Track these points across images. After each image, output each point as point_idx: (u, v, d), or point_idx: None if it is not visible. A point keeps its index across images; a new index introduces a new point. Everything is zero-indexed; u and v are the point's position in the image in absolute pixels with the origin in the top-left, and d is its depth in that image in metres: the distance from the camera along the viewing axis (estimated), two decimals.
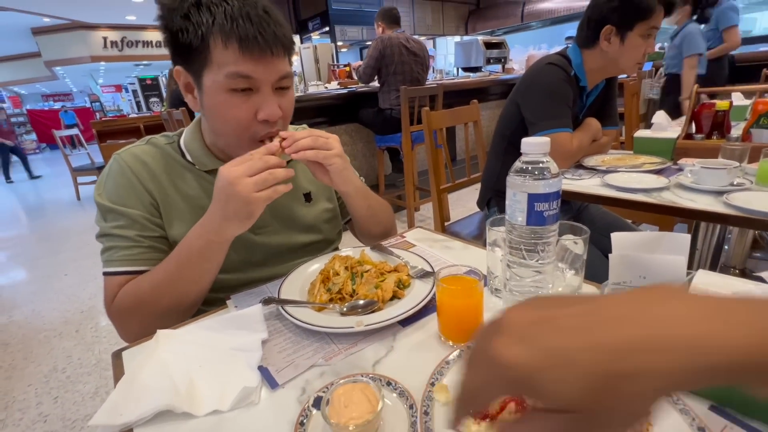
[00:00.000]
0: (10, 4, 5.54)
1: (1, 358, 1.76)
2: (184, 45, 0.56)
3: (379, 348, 0.49)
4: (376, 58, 2.53)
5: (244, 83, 0.57)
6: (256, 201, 0.53)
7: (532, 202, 0.44)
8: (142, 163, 0.65)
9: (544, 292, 0.49)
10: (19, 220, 4.27)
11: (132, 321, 0.62)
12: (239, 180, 0.52)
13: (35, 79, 10.35)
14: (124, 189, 0.63)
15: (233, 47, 0.55)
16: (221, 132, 0.63)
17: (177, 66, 0.61)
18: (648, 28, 1.07)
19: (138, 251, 0.63)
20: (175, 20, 0.56)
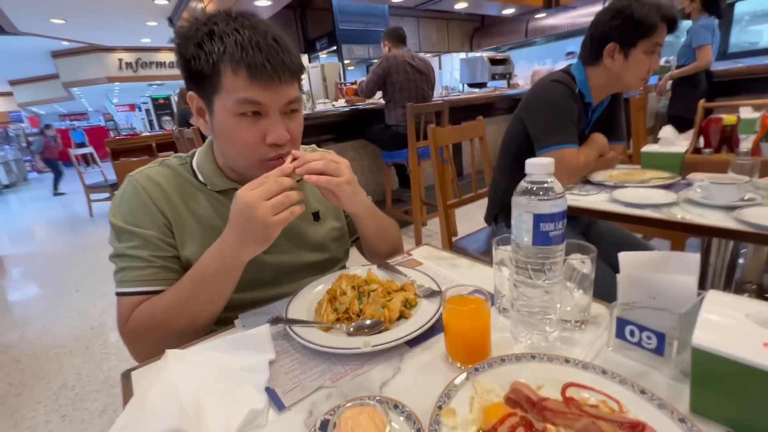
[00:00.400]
0: (33, 30, 5.80)
1: (12, 375, 1.77)
2: (196, 72, 0.59)
3: (386, 369, 0.49)
4: (380, 75, 2.58)
5: (252, 108, 0.59)
6: (273, 224, 0.54)
7: (537, 222, 0.44)
8: (156, 184, 0.67)
9: (552, 312, 0.49)
10: (34, 236, 4.36)
11: (145, 342, 0.62)
12: (257, 203, 0.53)
13: (53, 99, 10.72)
14: (139, 210, 0.65)
15: (242, 75, 0.57)
16: (231, 155, 0.65)
17: (190, 92, 0.63)
18: (651, 45, 1.08)
19: (151, 271, 0.63)
20: (189, 48, 0.58)
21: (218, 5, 4.13)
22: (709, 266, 1.15)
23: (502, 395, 0.40)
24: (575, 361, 0.43)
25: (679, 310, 0.41)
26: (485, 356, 0.47)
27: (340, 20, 5.20)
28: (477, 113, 2.06)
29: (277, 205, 0.54)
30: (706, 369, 0.36)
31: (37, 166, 11.59)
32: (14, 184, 9.07)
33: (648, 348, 0.44)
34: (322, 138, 2.84)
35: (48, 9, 5.00)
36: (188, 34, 0.59)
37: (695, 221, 0.83)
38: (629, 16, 1.06)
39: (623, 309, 0.46)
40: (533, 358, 0.44)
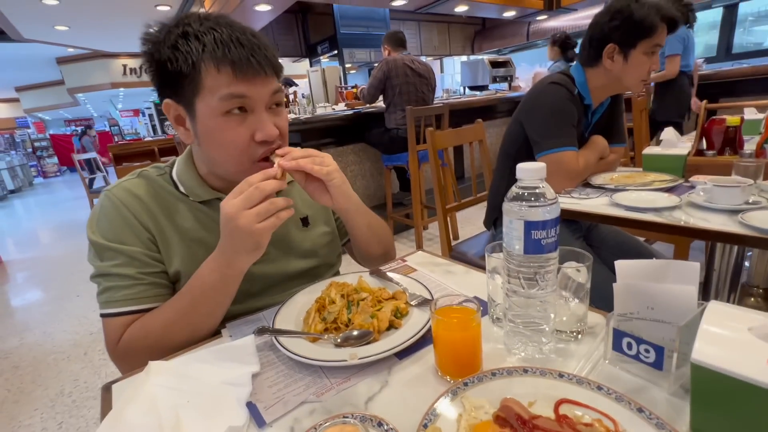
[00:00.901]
0: (37, 37, 5.86)
1: (11, 382, 1.77)
2: (172, 74, 0.56)
3: (373, 383, 0.47)
4: (380, 79, 2.57)
5: (238, 103, 0.57)
6: (259, 232, 0.52)
7: (529, 229, 0.42)
8: (135, 197, 0.64)
9: (546, 322, 0.47)
10: (37, 241, 4.38)
11: (141, 360, 0.57)
12: (239, 214, 0.52)
13: (59, 105, 10.82)
14: (120, 226, 0.62)
15: (226, 71, 0.55)
16: (218, 158, 0.62)
17: (166, 100, 0.60)
18: (651, 46, 1.06)
19: (140, 289, 0.61)
20: (163, 51, 0.56)
21: (219, 10, 4.15)
22: (714, 270, 1.12)
23: (491, 412, 0.38)
24: (569, 376, 0.41)
25: (678, 322, 0.39)
26: (476, 369, 0.45)
27: (341, 24, 5.21)
28: (477, 116, 2.05)
29: (261, 212, 0.52)
30: (707, 386, 0.34)
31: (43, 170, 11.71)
32: (19, 189, 9.15)
33: (646, 362, 0.41)
34: (323, 141, 2.83)
35: (52, 16, 5.05)
36: (159, 38, 0.57)
37: (698, 225, 0.81)
38: (628, 17, 1.04)
39: (620, 320, 0.44)
40: (525, 372, 0.42)
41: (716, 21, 4.78)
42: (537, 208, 0.42)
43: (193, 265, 0.63)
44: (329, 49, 5.55)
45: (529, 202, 0.43)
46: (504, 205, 0.45)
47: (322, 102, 3.66)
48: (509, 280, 0.47)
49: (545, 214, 0.42)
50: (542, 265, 0.44)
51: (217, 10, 4.18)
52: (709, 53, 4.82)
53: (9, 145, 10.80)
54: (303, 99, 3.51)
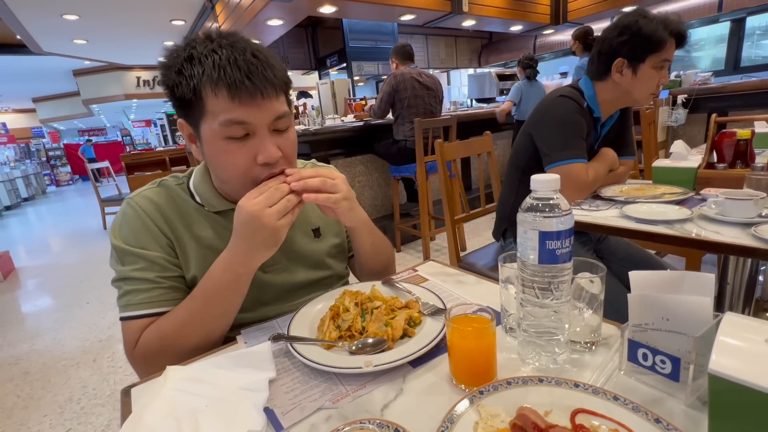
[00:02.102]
0: (56, 50, 6.06)
1: (21, 388, 1.78)
2: (180, 99, 0.58)
3: (389, 390, 0.47)
4: (389, 93, 2.61)
5: (239, 130, 0.57)
6: (281, 228, 0.57)
7: (543, 240, 0.43)
8: (155, 205, 0.66)
9: (561, 332, 0.47)
10: (48, 248, 4.45)
11: (157, 362, 0.59)
12: (263, 211, 0.55)
13: (73, 116, 11.10)
14: (141, 232, 0.64)
15: (222, 95, 0.55)
16: (224, 178, 0.65)
17: (180, 119, 0.63)
18: (660, 60, 1.07)
19: (159, 292, 0.63)
20: (171, 76, 0.57)
21: (232, 26, 4.27)
22: (727, 284, 1.11)
23: (507, 421, 0.38)
24: (585, 386, 0.41)
25: (694, 333, 0.39)
26: (490, 378, 0.46)
27: (350, 38, 5.31)
28: (485, 128, 2.07)
29: (282, 209, 0.56)
30: (725, 397, 0.34)
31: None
32: (33, 197, 9.33)
33: (662, 373, 0.41)
34: (332, 152, 2.87)
35: (71, 30, 5.23)
36: (169, 62, 0.58)
37: (710, 238, 0.80)
38: (637, 32, 1.05)
39: (635, 331, 0.44)
40: (541, 381, 0.42)
41: (724, 35, 4.79)
42: (551, 218, 0.43)
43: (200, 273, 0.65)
44: (338, 62, 5.65)
45: (544, 212, 0.43)
46: (518, 216, 0.46)
47: (331, 114, 3.72)
48: (523, 290, 0.47)
49: (559, 224, 0.43)
50: (556, 275, 0.44)
51: (230, 25, 4.30)
52: (716, 67, 4.83)
53: (24, 154, 11.06)
54: (312, 111, 3.57)
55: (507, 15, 4.75)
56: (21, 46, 5.83)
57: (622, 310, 0.50)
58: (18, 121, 12.58)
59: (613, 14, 4.97)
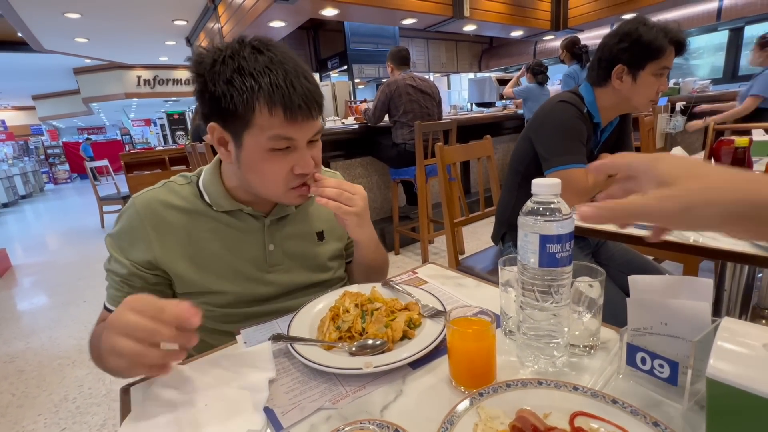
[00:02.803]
0: (57, 48, 6.06)
1: (15, 386, 1.77)
2: (226, 109, 0.58)
3: (388, 391, 0.47)
4: (384, 101, 2.64)
5: (285, 144, 0.61)
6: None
7: (544, 243, 0.43)
8: (154, 210, 0.67)
9: (560, 336, 0.47)
10: (45, 246, 4.44)
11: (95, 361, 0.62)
12: (125, 329, 0.44)
13: (73, 114, 11.09)
14: (124, 235, 0.67)
15: (278, 114, 0.57)
16: (255, 184, 0.65)
17: (211, 122, 0.62)
18: (660, 68, 1.08)
19: (121, 294, 0.66)
20: (219, 85, 0.57)
21: (235, 27, 4.28)
22: (724, 291, 1.12)
23: (507, 423, 0.38)
24: (584, 389, 0.41)
25: (692, 338, 0.40)
26: (490, 380, 0.46)
27: (352, 41, 5.33)
28: (485, 132, 2.08)
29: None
30: (723, 402, 0.34)
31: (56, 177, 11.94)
32: (30, 194, 9.30)
33: (660, 377, 0.42)
34: (332, 154, 2.87)
35: (73, 29, 5.23)
36: (215, 68, 0.57)
37: (708, 244, 0.81)
38: (637, 39, 1.06)
39: (634, 335, 0.44)
40: (540, 384, 0.43)
41: (722, 43, 4.84)
42: (552, 222, 0.43)
43: (204, 274, 0.68)
44: (339, 64, 5.67)
45: (545, 216, 0.44)
46: (519, 219, 0.46)
47: (332, 116, 3.73)
48: (523, 293, 0.48)
49: (560, 228, 0.43)
50: (556, 278, 0.45)
51: (233, 26, 4.31)
52: (715, 75, 4.87)
53: (23, 151, 11.03)
54: None
55: (508, 20, 4.78)
56: (22, 44, 5.83)
57: (619, 315, 0.51)
58: (17, 119, 12.55)
59: (613, 21, 5.01)
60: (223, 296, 0.70)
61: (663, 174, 0.36)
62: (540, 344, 0.48)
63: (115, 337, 0.43)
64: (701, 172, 0.34)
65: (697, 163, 0.36)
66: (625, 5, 4.56)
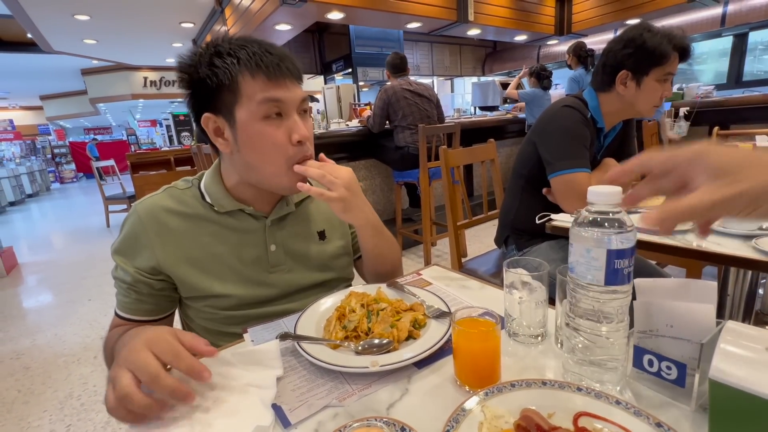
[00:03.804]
0: (66, 50, 6.14)
1: (21, 382, 1.79)
2: (211, 88, 0.61)
3: (394, 390, 0.48)
4: (382, 108, 2.69)
5: (275, 107, 0.62)
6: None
7: (611, 259, 0.40)
8: (155, 216, 0.68)
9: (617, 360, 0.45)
10: (51, 245, 4.47)
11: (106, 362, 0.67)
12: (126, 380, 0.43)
13: (80, 114, 11.18)
14: (127, 242, 0.69)
15: (260, 77, 0.61)
16: (257, 163, 0.65)
17: (205, 114, 0.64)
18: (664, 74, 1.09)
19: (129, 300, 0.69)
20: (201, 71, 0.61)
21: (241, 29, 4.32)
22: (727, 296, 1.12)
23: (511, 422, 0.39)
24: (588, 390, 0.42)
25: (697, 339, 0.40)
26: (495, 380, 0.47)
27: (356, 44, 5.37)
28: (488, 136, 2.09)
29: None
30: (725, 404, 0.35)
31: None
32: (37, 193, 9.38)
33: (668, 379, 0.42)
34: (335, 156, 2.89)
35: (82, 30, 5.30)
36: (194, 60, 0.63)
37: (711, 249, 0.81)
38: (641, 45, 1.07)
39: (640, 337, 0.45)
40: (544, 384, 0.43)
41: (726, 49, 4.83)
42: (620, 234, 0.40)
43: (206, 277, 0.69)
44: (344, 67, 5.70)
45: (611, 228, 0.40)
46: (574, 232, 0.43)
47: (336, 118, 3.75)
48: (570, 308, 0.45)
49: (626, 241, 0.40)
50: (619, 296, 0.42)
51: (239, 29, 4.35)
52: (719, 80, 4.86)
53: (30, 150, 11.14)
54: (317, 115, 3.60)
55: (512, 25, 4.80)
56: (31, 45, 5.90)
57: None
58: (25, 118, 12.67)
59: (616, 26, 5.02)
60: (227, 299, 0.70)
61: (717, 165, 0.34)
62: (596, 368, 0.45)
63: (119, 369, 0.44)
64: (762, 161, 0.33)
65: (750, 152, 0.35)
66: (629, 11, 4.57)
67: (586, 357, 0.45)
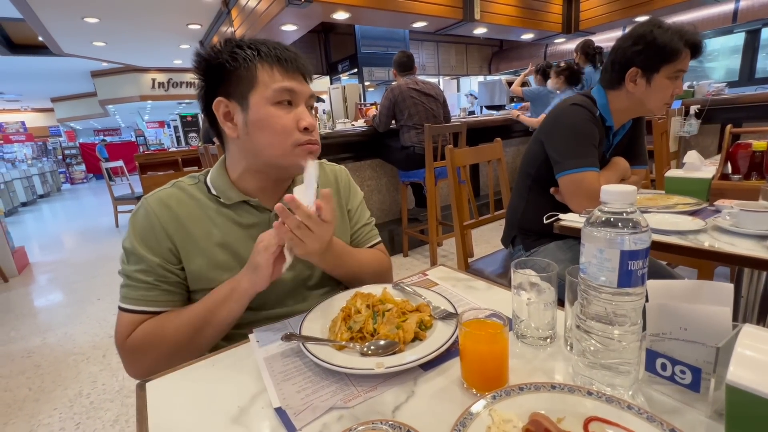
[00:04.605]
0: (76, 52, 6.22)
1: (32, 380, 1.81)
2: (229, 73, 0.66)
3: (400, 393, 0.47)
4: (388, 107, 2.68)
5: (287, 95, 0.67)
6: (259, 262, 0.62)
7: (625, 260, 0.39)
8: (166, 207, 0.69)
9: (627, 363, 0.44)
10: (61, 244, 4.54)
11: (146, 358, 0.65)
12: (259, 244, 0.63)
13: (90, 116, 11.33)
14: (146, 234, 0.68)
15: (277, 69, 0.67)
16: (264, 143, 0.67)
17: (217, 98, 0.68)
18: (675, 71, 1.06)
19: (155, 293, 0.67)
20: (222, 57, 0.66)
21: (247, 31, 4.34)
22: (741, 297, 1.09)
23: (520, 426, 0.38)
24: (599, 394, 0.41)
25: (712, 343, 0.39)
26: (502, 383, 0.46)
27: (362, 44, 5.37)
28: (495, 135, 2.07)
29: (266, 246, 0.62)
30: (742, 409, 0.33)
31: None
32: (48, 194, 9.53)
33: (682, 383, 0.41)
34: (341, 156, 2.89)
35: (91, 33, 5.36)
36: (216, 49, 0.68)
37: (725, 249, 0.79)
38: (651, 42, 1.05)
39: (653, 340, 0.44)
40: (554, 388, 0.42)
41: (738, 46, 4.75)
42: (634, 235, 0.39)
43: (213, 269, 0.69)
44: (349, 67, 5.70)
45: (624, 229, 0.39)
46: (588, 231, 0.42)
47: (342, 118, 3.75)
48: (581, 310, 0.44)
49: (641, 242, 0.39)
50: (633, 298, 0.41)
51: (246, 30, 4.37)
52: (731, 77, 4.78)
53: (41, 152, 11.31)
54: (323, 115, 3.60)
55: (518, 23, 4.76)
56: (42, 47, 5.99)
57: None
58: (36, 120, 12.88)
59: (625, 24, 4.95)
60: None
61: None
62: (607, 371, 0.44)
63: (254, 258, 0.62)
64: None
65: None
66: (637, 8, 4.50)
67: (597, 360, 0.44)
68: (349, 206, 0.87)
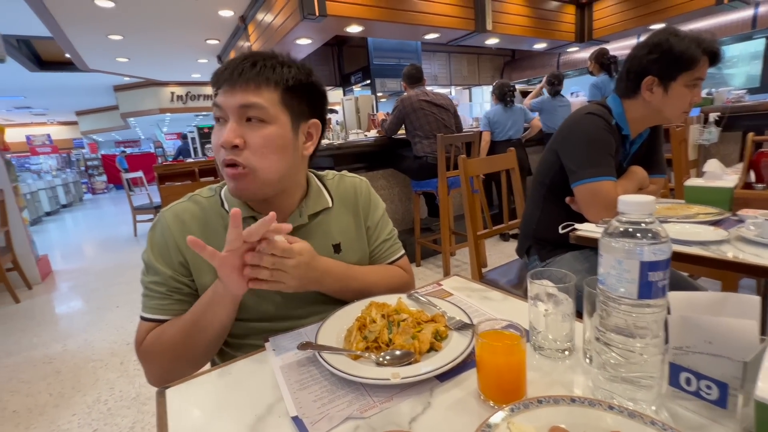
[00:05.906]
0: (100, 68, 6.49)
1: (53, 386, 1.85)
2: None
3: (416, 404, 0.47)
4: (399, 117, 2.74)
5: (218, 112, 0.66)
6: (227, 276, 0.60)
7: (645, 271, 0.38)
8: (180, 222, 0.71)
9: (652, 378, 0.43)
10: (82, 253, 4.67)
11: (153, 364, 0.68)
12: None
13: (112, 128, 11.76)
14: (160, 248, 0.70)
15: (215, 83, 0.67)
16: None
17: None
18: (693, 79, 1.05)
19: (169, 302, 0.69)
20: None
21: (263, 45, 4.47)
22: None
23: None
24: (620, 408, 0.40)
25: (738, 357, 0.38)
26: (520, 396, 0.45)
27: (374, 56, 5.45)
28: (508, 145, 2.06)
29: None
30: None
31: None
32: (71, 204, 9.86)
33: (708, 399, 0.40)
34: (354, 166, 2.92)
35: (115, 49, 5.60)
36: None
37: (750, 261, 0.77)
38: (668, 50, 1.04)
39: (676, 354, 0.42)
40: (573, 401, 0.41)
41: (759, 52, 4.65)
42: (654, 245, 0.38)
43: None
44: (362, 78, 5.80)
45: (644, 239, 0.39)
46: (606, 242, 0.41)
47: (355, 128, 3.80)
48: (600, 322, 0.43)
49: (661, 253, 0.39)
50: (654, 310, 0.40)
51: (262, 44, 4.50)
52: (751, 84, 4.67)
53: (65, 163, 11.75)
54: (337, 125, 3.66)
55: (531, 33, 4.77)
56: (69, 64, 6.27)
57: None
58: (61, 133, 13.41)
59: (639, 32, 4.91)
60: (244, 311, 0.70)
61: None
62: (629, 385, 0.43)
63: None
64: None
65: None
66: (652, 15, 4.47)
67: (618, 373, 0.43)
68: (368, 223, 0.85)
